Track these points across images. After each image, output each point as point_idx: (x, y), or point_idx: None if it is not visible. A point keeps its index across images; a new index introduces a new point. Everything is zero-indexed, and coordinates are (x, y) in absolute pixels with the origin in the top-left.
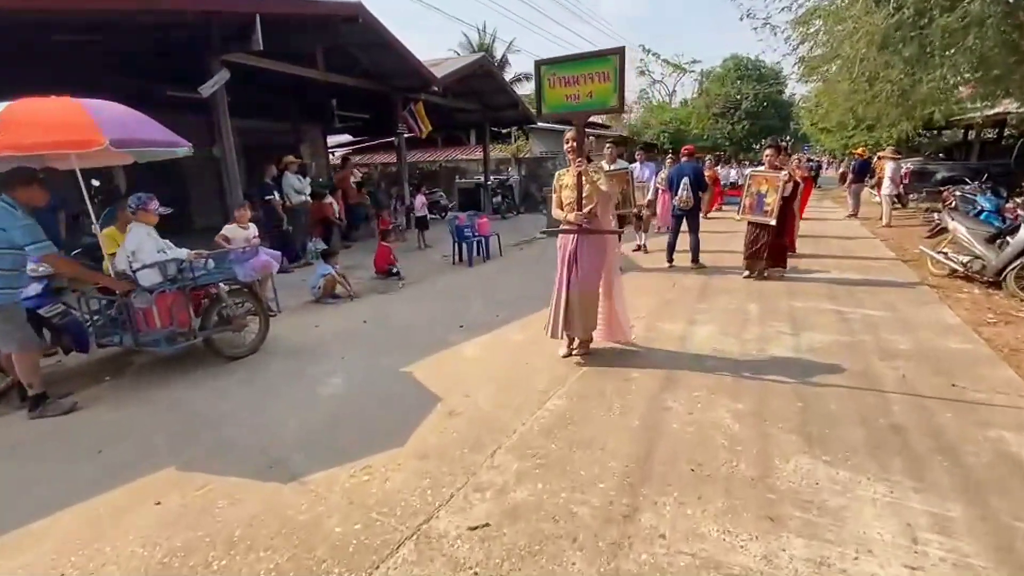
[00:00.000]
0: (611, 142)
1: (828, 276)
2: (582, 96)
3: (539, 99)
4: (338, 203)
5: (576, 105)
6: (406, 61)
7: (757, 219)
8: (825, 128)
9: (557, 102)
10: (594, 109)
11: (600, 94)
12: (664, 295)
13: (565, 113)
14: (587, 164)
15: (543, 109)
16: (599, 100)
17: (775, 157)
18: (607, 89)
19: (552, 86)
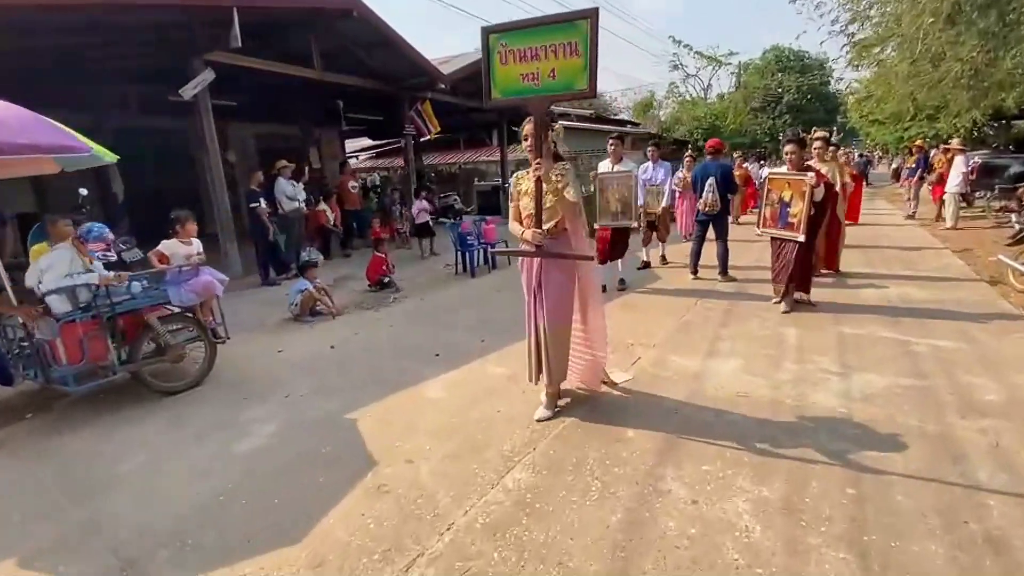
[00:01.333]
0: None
1: (884, 294)
2: (543, 75)
3: (488, 79)
4: (333, 210)
5: (536, 88)
6: (409, 58)
7: (782, 234)
8: (877, 120)
9: (511, 83)
10: (558, 93)
11: (566, 72)
12: (682, 316)
13: (521, 99)
14: (553, 165)
15: (492, 92)
16: (564, 81)
17: (798, 154)
18: (575, 66)
19: (504, 61)
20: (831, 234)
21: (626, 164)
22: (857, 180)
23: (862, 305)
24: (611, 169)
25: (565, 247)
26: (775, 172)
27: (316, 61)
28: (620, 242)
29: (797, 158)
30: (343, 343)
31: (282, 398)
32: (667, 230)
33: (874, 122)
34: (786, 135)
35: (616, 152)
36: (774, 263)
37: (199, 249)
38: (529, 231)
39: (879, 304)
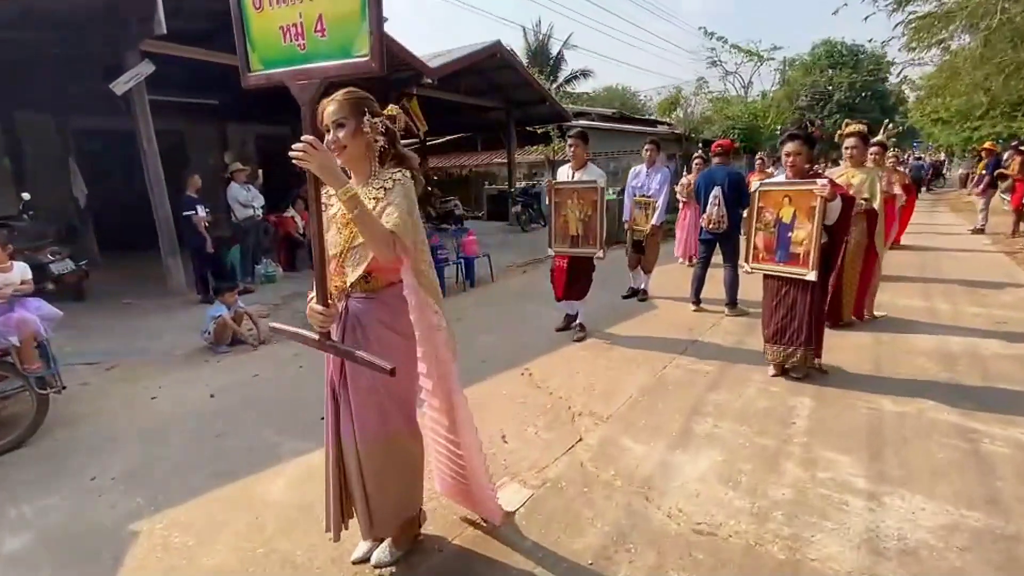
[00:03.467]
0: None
1: (943, 345)
2: (308, 27)
3: (242, 39)
4: (303, 217)
5: (302, 55)
6: (390, 50)
7: (781, 271)
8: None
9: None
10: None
11: (339, 24)
12: (659, 371)
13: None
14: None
15: (251, 62)
16: (339, 40)
17: (802, 155)
18: (350, 12)
19: (259, 6)
20: (865, 269)
21: (591, 171)
22: (910, 191)
23: (910, 363)
24: (570, 177)
25: (392, 314)
26: (769, 183)
27: None
28: (581, 276)
29: (800, 161)
30: (230, 389)
31: (87, 481)
32: (655, 256)
33: (937, 121)
34: (785, 129)
35: (578, 155)
36: (769, 315)
37: (22, 277)
38: (310, 306)
39: (935, 364)
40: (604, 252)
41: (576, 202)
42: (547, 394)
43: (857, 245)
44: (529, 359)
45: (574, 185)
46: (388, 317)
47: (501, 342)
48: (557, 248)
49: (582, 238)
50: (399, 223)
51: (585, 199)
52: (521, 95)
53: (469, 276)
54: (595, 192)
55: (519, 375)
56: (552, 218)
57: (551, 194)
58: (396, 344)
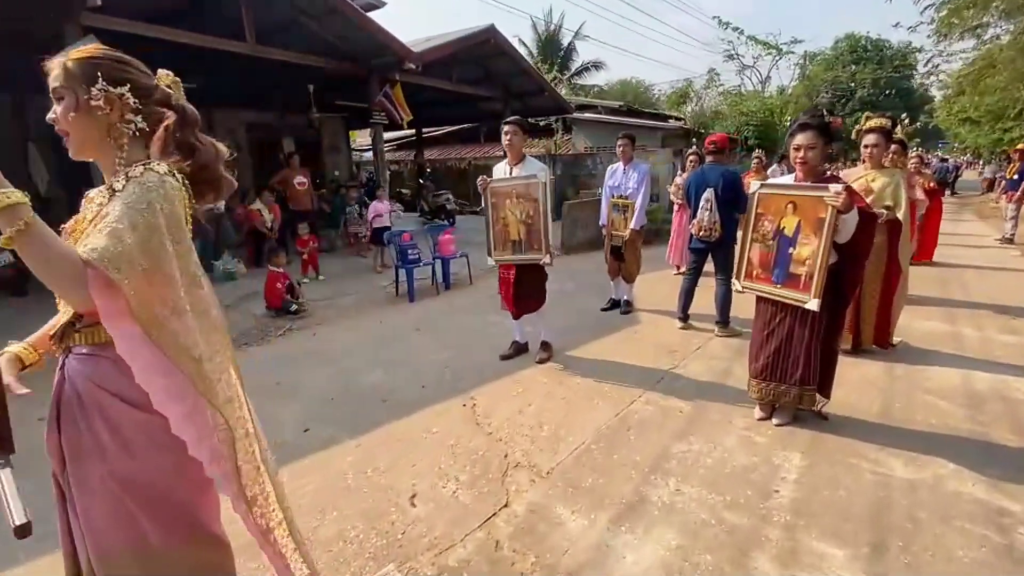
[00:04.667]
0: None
1: (967, 383)
2: None
3: None
4: (270, 210)
5: None
6: (367, 30)
7: (778, 294)
8: (969, 119)
9: None
10: None
11: None
12: (621, 409)
13: None
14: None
15: None
16: None
17: (816, 150)
18: None
19: None
20: (886, 288)
21: (529, 166)
22: (935, 196)
23: (928, 406)
24: (508, 174)
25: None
26: (770, 184)
27: (248, 32)
28: (531, 286)
29: (814, 157)
30: None
31: None
32: (637, 265)
33: (965, 120)
34: (796, 120)
35: (514, 147)
36: (759, 346)
37: None
38: None
39: (958, 408)
40: (552, 257)
41: (515, 202)
42: (485, 434)
43: (877, 260)
44: (478, 384)
45: (511, 183)
46: (115, 382)
47: (453, 361)
48: (498, 256)
49: (525, 243)
50: (105, 247)
51: (525, 198)
52: (519, 85)
53: (445, 278)
54: (536, 189)
55: (461, 406)
56: (490, 222)
57: (486, 195)
58: (134, 422)
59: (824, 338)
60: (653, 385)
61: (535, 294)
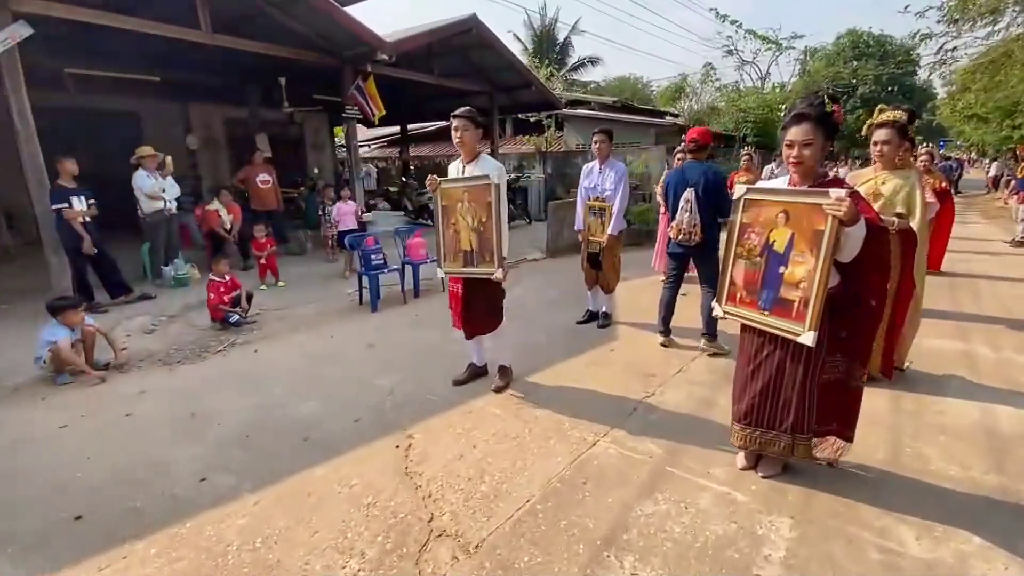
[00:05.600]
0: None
1: (986, 418)
2: None
3: None
4: (231, 211)
5: None
6: (336, 20)
7: (767, 323)
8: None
9: None
10: None
11: None
12: (583, 449)
13: None
14: None
15: None
16: None
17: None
18: None
19: None
20: (897, 309)
21: (484, 164)
22: (946, 199)
23: (942, 452)
24: (460, 173)
25: None
26: (758, 188)
27: (203, 20)
28: (484, 304)
29: (811, 155)
30: (27, 445)
31: None
32: (616, 274)
33: (971, 117)
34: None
35: (466, 143)
36: (743, 384)
37: None
38: None
39: (978, 456)
40: (505, 272)
41: (467, 205)
42: (412, 487)
43: None
44: (422, 417)
45: (462, 184)
46: None
47: (401, 386)
48: (448, 268)
49: (476, 254)
50: None
51: (477, 201)
52: (505, 79)
53: (415, 285)
54: (488, 191)
55: (393, 447)
56: (440, 229)
57: (436, 197)
58: None
59: (844, 376)
60: (623, 419)
61: (488, 313)
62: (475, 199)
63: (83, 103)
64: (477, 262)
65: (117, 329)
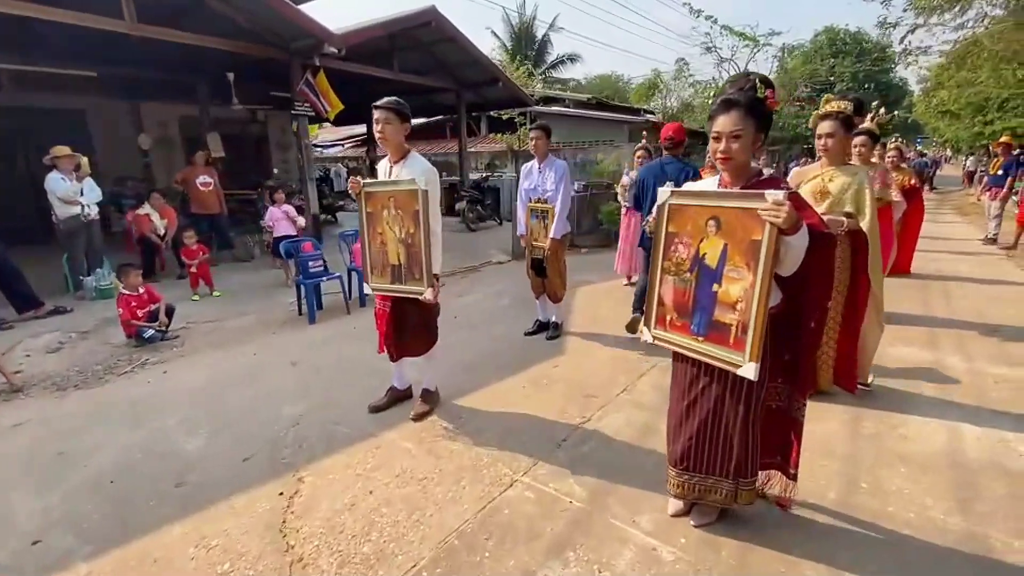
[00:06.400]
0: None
1: (952, 429)
2: None
3: None
4: (164, 215)
5: None
6: (276, 10)
7: (701, 351)
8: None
9: None
10: None
11: None
12: (497, 492)
13: None
14: None
15: None
16: None
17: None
18: None
19: None
20: (851, 314)
21: (413, 165)
22: (916, 197)
23: (903, 489)
24: (388, 174)
25: None
26: (683, 192)
27: (127, 10)
28: (414, 326)
29: (741, 149)
30: None
31: None
32: (562, 279)
33: (944, 114)
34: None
35: (391, 139)
36: (677, 421)
37: None
38: None
39: (942, 492)
40: (436, 292)
41: (394, 213)
42: (282, 550)
43: (836, 282)
44: (321, 455)
45: (388, 188)
46: None
47: (308, 415)
48: (375, 283)
49: (405, 269)
50: None
51: (404, 209)
52: (472, 75)
53: (361, 293)
54: (415, 198)
55: (277, 495)
56: (366, 239)
57: (360, 202)
58: None
59: (787, 405)
60: (550, 452)
61: (420, 334)
62: (402, 207)
63: (20, 102)
64: (406, 279)
65: (17, 348)
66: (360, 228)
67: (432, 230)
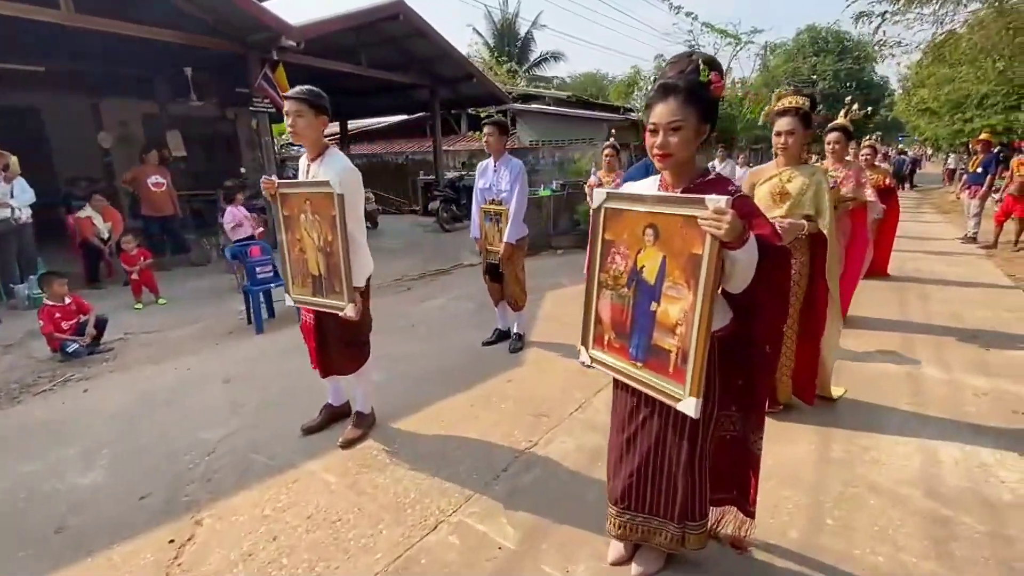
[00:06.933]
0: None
1: (927, 451)
2: None
3: None
4: (109, 218)
5: None
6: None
7: (638, 378)
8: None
9: None
10: None
11: None
12: (418, 536)
13: None
14: None
15: None
16: None
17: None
18: None
19: None
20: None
21: (331, 162)
22: (892, 197)
23: (875, 520)
24: (306, 175)
25: None
26: (619, 194)
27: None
28: (341, 342)
29: (681, 143)
30: None
31: None
32: (519, 285)
33: (924, 111)
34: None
35: (306, 135)
36: (617, 456)
37: None
38: None
39: (918, 527)
40: (357, 307)
41: (311, 218)
42: None
43: (795, 286)
44: (228, 491)
45: (303, 189)
46: None
47: (227, 441)
48: (296, 295)
49: (326, 280)
50: None
51: (321, 214)
52: (445, 71)
53: None
54: (330, 202)
55: (167, 542)
56: (284, 246)
57: (276, 204)
58: None
59: (742, 435)
60: (487, 484)
61: (346, 352)
62: (318, 211)
63: None
64: (327, 292)
65: None
66: (277, 234)
67: (353, 238)
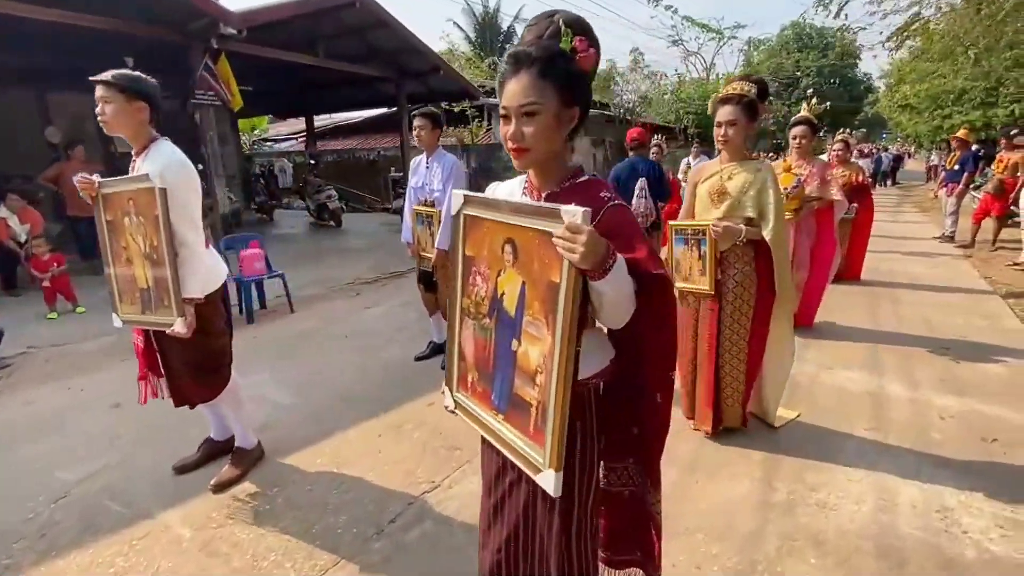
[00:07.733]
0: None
1: (888, 490)
2: None
3: None
4: (27, 220)
5: None
6: None
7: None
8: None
9: None
10: None
11: None
12: None
13: None
14: None
15: None
16: None
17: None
18: None
19: None
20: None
21: (153, 157)
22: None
23: (820, 570)
24: (131, 169)
25: None
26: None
27: None
28: (187, 364)
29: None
30: None
31: None
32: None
33: (905, 108)
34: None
35: (125, 126)
36: (487, 524)
37: None
38: None
39: None
40: (190, 322)
41: (136, 220)
42: None
43: (737, 299)
44: (58, 552)
45: (125, 188)
46: None
47: (85, 484)
48: (125, 313)
49: (154, 293)
50: None
51: (145, 215)
52: (411, 63)
53: (248, 306)
54: (152, 199)
55: None
56: (107, 255)
57: (97, 206)
58: None
59: (641, 491)
60: (366, 541)
61: (196, 376)
62: (142, 212)
63: None
64: (155, 306)
65: None
66: (100, 242)
67: (184, 241)
